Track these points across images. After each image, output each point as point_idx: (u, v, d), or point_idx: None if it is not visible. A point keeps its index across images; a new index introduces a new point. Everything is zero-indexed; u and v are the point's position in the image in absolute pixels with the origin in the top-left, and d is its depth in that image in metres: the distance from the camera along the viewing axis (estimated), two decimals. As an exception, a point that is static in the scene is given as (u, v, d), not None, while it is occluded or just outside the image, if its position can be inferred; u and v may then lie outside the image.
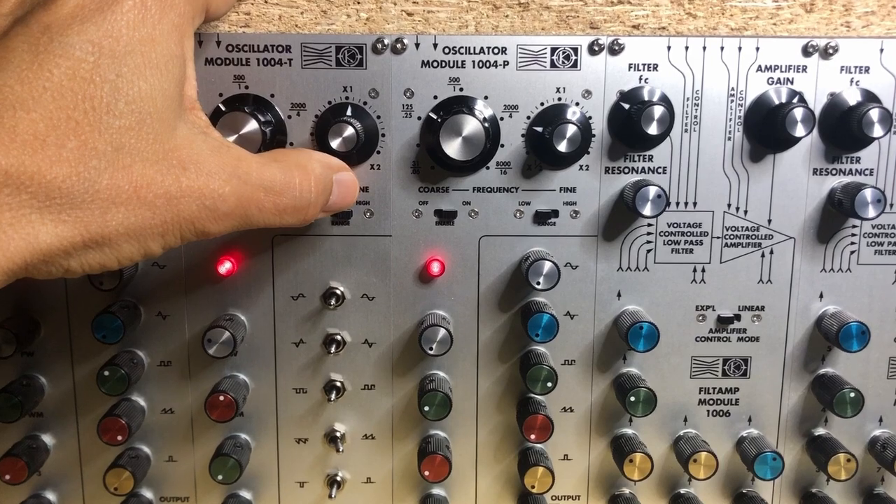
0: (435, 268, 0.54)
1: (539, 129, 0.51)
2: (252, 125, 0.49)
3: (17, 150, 0.33)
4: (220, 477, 0.54)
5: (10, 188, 0.32)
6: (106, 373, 0.52)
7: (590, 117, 0.52)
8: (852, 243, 0.54)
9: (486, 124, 0.50)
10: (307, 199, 0.44)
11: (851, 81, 0.52)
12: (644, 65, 0.51)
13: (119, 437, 0.53)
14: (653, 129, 0.49)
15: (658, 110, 0.49)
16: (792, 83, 0.52)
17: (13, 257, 0.33)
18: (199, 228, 0.39)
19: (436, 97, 0.51)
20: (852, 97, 0.52)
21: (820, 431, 0.57)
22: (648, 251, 0.54)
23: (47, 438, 0.56)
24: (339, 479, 0.57)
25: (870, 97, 0.52)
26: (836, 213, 0.53)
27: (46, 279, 0.37)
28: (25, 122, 0.33)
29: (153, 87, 0.36)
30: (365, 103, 0.51)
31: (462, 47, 0.51)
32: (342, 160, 0.51)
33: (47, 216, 0.34)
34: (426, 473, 0.54)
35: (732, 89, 0.52)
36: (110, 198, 0.35)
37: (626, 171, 0.53)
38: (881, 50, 0.51)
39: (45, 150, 0.33)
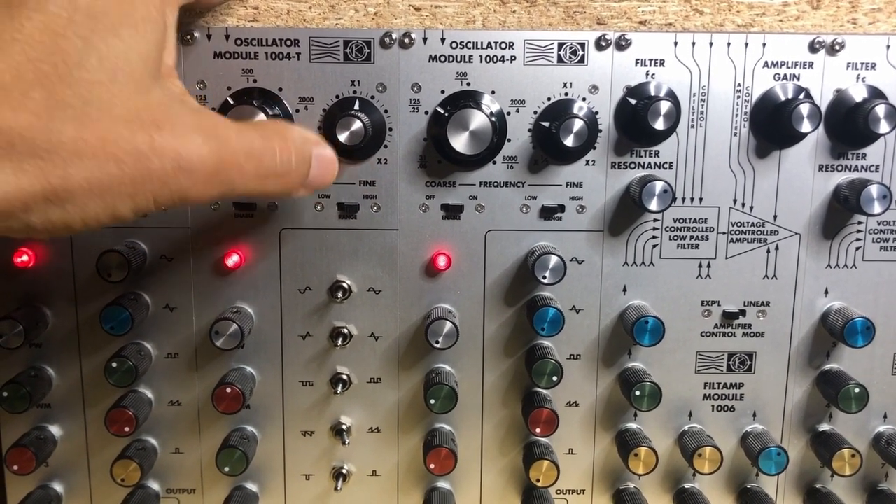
0: (441, 262, 0.54)
1: (546, 123, 0.51)
2: (260, 119, 0.49)
3: None
4: (226, 469, 0.54)
5: None
6: (114, 364, 0.52)
7: (596, 112, 0.52)
8: (857, 239, 0.54)
9: (493, 119, 0.50)
10: (288, 165, 0.43)
11: (858, 78, 0.52)
12: (651, 60, 0.52)
13: (126, 429, 0.53)
14: (659, 125, 0.49)
15: (664, 106, 0.49)
16: (798, 79, 0.52)
17: None
18: (174, 190, 0.37)
19: (443, 91, 0.52)
20: (858, 93, 0.52)
21: (824, 427, 0.57)
22: (654, 246, 0.54)
23: (55, 429, 0.57)
24: (344, 471, 0.57)
25: (876, 94, 0.52)
26: (841, 210, 0.54)
27: (7, 235, 0.35)
28: None
29: (128, 46, 0.36)
30: (372, 97, 0.51)
31: (469, 42, 0.51)
32: (350, 154, 0.51)
33: (7, 164, 0.33)
34: (431, 466, 0.54)
35: (739, 85, 0.52)
36: (75, 150, 0.34)
37: (633, 166, 0.53)
38: (887, 46, 0.52)
39: (8, 98, 0.32)
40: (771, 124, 0.52)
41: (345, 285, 0.54)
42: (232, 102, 0.50)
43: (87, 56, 0.34)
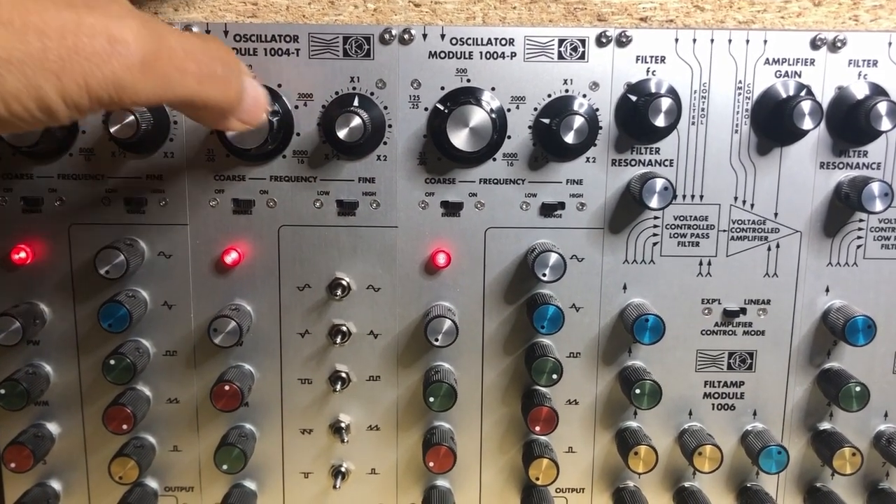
0: (441, 259, 0.54)
1: (546, 120, 0.51)
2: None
3: None
4: (224, 467, 0.54)
5: None
6: (111, 362, 0.52)
7: (597, 109, 0.52)
8: (859, 237, 0.54)
9: (494, 115, 0.50)
10: (228, 71, 0.40)
11: (859, 75, 0.52)
12: (651, 57, 0.51)
13: (124, 427, 0.53)
14: (660, 122, 0.49)
15: (665, 102, 0.49)
16: (800, 76, 0.52)
17: None
18: (108, 76, 0.34)
19: (443, 88, 0.51)
20: (860, 91, 0.52)
21: (825, 425, 0.57)
22: (654, 244, 0.54)
23: (52, 427, 0.56)
24: (343, 469, 0.57)
25: (878, 91, 0.52)
26: (842, 207, 0.53)
27: None
28: None
29: None
30: (372, 94, 0.51)
31: (469, 38, 0.51)
32: (349, 151, 0.51)
33: None
34: (431, 465, 0.54)
35: (740, 82, 0.52)
36: None
37: (633, 163, 0.53)
38: (889, 43, 0.51)
39: None
40: (772, 121, 0.51)
41: (344, 282, 0.54)
42: (231, 99, 0.50)
43: None
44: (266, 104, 0.45)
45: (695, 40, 0.51)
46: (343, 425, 0.56)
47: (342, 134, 0.49)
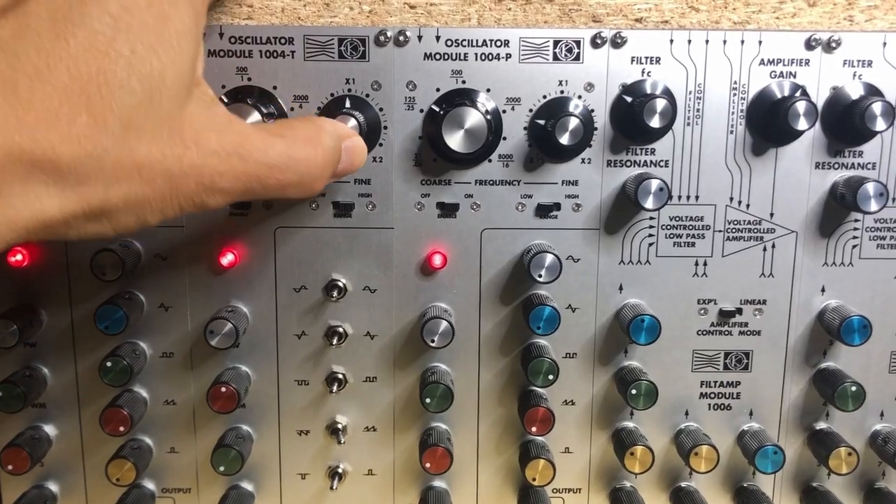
0: (437, 260, 0.54)
1: (541, 121, 0.51)
2: (255, 117, 0.49)
3: (31, 124, 0.32)
4: (221, 468, 0.54)
5: (24, 164, 0.32)
6: (108, 363, 0.52)
7: (592, 110, 0.52)
8: (854, 237, 0.54)
9: (489, 117, 0.50)
10: (312, 174, 0.43)
11: (854, 75, 0.52)
12: (646, 58, 0.51)
13: (121, 428, 0.53)
14: (655, 123, 0.49)
15: (660, 103, 0.49)
16: (794, 77, 0.52)
17: (17, 228, 0.34)
18: (197, 203, 0.39)
19: (438, 90, 0.51)
20: (855, 91, 0.52)
21: (821, 425, 0.57)
22: (650, 244, 0.54)
23: (50, 429, 0.56)
24: (340, 471, 0.57)
25: (872, 91, 0.52)
26: (838, 207, 0.53)
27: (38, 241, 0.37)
28: (41, 94, 0.33)
29: (165, 65, 0.36)
30: (367, 95, 0.51)
31: (464, 40, 0.51)
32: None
33: (53, 190, 0.34)
34: (427, 466, 0.54)
35: (735, 83, 0.52)
36: (114, 175, 0.35)
37: (629, 164, 0.53)
38: (884, 44, 0.51)
39: (58, 126, 0.33)
40: (767, 122, 0.52)
41: (340, 284, 0.54)
42: (226, 101, 0.50)
43: (127, 77, 0.35)
44: (363, 154, 0.48)
45: (690, 41, 0.51)
46: (340, 426, 0.56)
47: (338, 136, 0.49)
